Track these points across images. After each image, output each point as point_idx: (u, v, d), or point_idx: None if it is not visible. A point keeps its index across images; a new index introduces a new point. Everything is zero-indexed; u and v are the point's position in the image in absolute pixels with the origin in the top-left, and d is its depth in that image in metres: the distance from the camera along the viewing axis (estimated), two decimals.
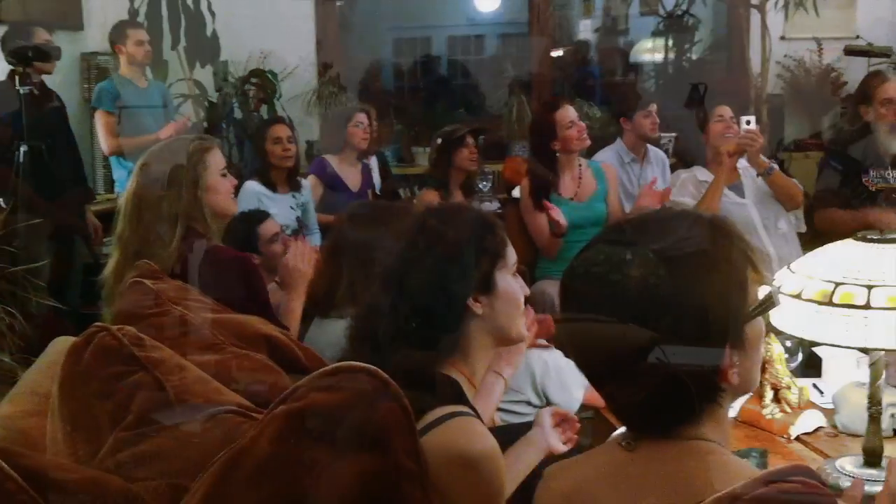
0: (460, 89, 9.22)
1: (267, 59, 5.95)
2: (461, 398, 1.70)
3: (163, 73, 5.75)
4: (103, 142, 5.14)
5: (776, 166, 4.08)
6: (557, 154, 4.04)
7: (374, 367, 1.04)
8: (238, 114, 5.91)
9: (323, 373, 1.04)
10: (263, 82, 5.91)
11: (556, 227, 3.88)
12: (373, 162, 5.46)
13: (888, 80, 4.03)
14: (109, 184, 5.50)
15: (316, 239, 4.65)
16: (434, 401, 1.60)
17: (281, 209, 4.42)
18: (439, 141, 4.55)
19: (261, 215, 3.72)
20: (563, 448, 2.05)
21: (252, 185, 4.48)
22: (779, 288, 1.92)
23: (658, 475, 1.22)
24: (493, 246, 1.78)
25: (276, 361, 2.04)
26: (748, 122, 4.07)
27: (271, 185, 4.55)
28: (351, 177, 4.95)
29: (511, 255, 1.82)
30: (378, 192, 5.29)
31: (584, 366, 1.29)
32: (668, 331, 1.18)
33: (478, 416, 1.69)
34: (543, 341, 2.47)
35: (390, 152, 6.03)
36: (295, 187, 4.64)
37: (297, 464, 0.98)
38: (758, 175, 4.09)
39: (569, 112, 4.05)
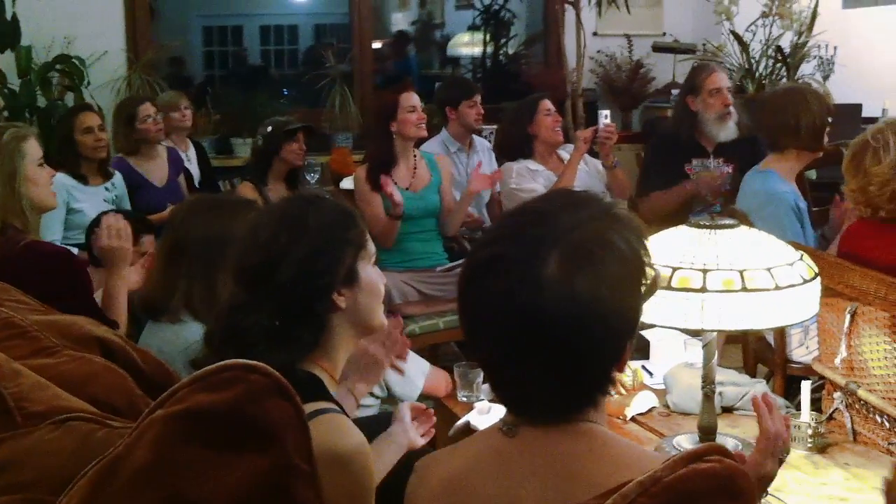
0: (279, 79, 9.05)
1: (72, 45, 5.62)
2: (324, 394, 1.65)
3: None
4: None
5: (618, 161, 4.27)
6: (394, 137, 4.02)
7: (263, 364, 0.98)
8: (41, 102, 5.56)
9: (206, 372, 0.97)
10: (69, 69, 5.58)
11: (393, 207, 3.87)
12: (191, 153, 5.28)
13: (715, 71, 4.25)
14: None
15: None
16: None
17: (93, 202, 4.20)
18: (269, 129, 4.40)
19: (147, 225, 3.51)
20: (422, 442, 2.04)
21: (61, 178, 4.21)
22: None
23: (543, 458, 1.21)
24: (355, 237, 1.74)
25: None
26: (605, 117, 4.21)
27: (81, 178, 4.30)
28: (154, 172, 4.74)
29: (371, 244, 1.79)
30: (197, 185, 5.11)
31: (483, 349, 1.26)
32: (582, 323, 1.17)
33: (344, 412, 1.65)
34: (401, 364, 2.46)
35: (209, 143, 5.82)
36: (107, 177, 4.41)
37: (182, 470, 0.92)
38: (603, 166, 4.25)
39: (413, 97, 4.07)
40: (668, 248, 2.09)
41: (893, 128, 2.57)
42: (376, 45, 7.02)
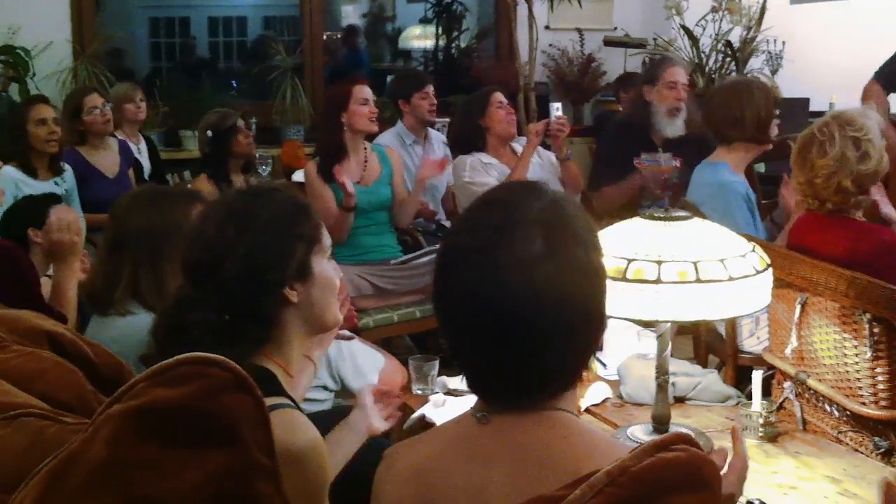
0: (228, 71, 8.95)
1: (17, 35, 5.50)
2: (278, 390, 1.63)
3: None
4: None
5: (571, 153, 4.29)
6: (344, 129, 4.00)
7: (223, 358, 0.96)
8: None
9: (164, 366, 0.95)
10: (14, 59, 5.47)
11: (345, 198, 3.85)
12: (142, 146, 5.21)
13: (675, 65, 4.29)
14: None
15: None
16: None
17: None
18: (210, 133, 4.36)
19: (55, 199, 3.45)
20: (384, 427, 2.03)
21: (8, 171, 4.13)
22: None
23: (515, 445, 1.22)
24: (308, 230, 1.71)
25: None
26: (557, 109, 4.22)
27: (31, 171, 4.21)
28: (105, 163, 4.67)
29: (327, 237, 1.76)
30: (147, 178, 5.05)
31: (456, 338, 1.26)
32: (551, 312, 1.18)
33: (297, 406, 1.63)
34: (346, 332, 2.43)
35: (157, 136, 5.74)
36: (57, 172, 4.32)
37: (140, 467, 0.90)
38: (557, 159, 4.27)
39: (365, 90, 4.05)
40: (622, 240, 2.10)
41: (839, 120, 2.60)
42: (325, 37, 6.97)
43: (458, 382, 2.73)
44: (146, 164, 5.12)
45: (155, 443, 0.91)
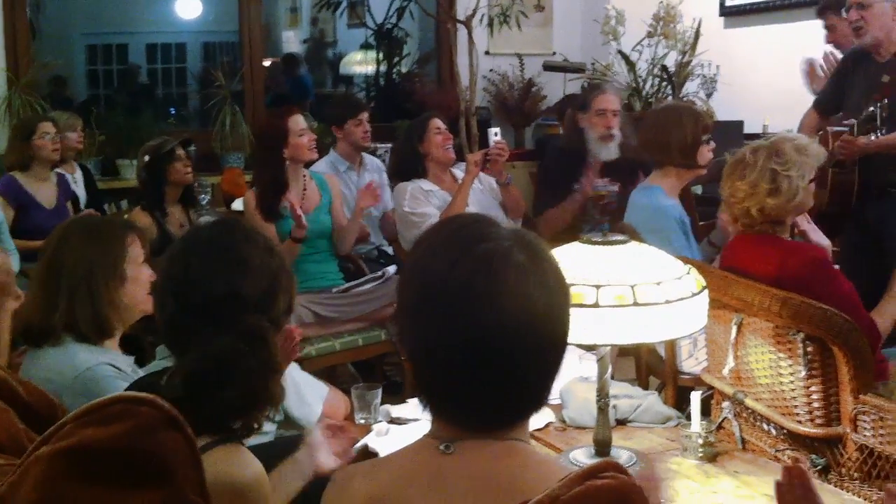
0: (167, 98, 8.87)
1: None
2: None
3: None
4: None
5: (512, 177, 4.32)
6: (286, 161, 3.98)
7: (152, 396, 0.95)
8: None
9: (94, 405, 0.94)
10: None
11: (296, 229, 3.82)
12: (78, 175, 5.14)
13: (605, 92, 4.34)
14: None
15: (13, 261, 4.28)
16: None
17: None
18: (147, 158, 4.31)
19: None
20: (332, 465, 2.00)
21: None
22: None
23: (477, 477, 1.21)
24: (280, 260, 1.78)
25: None
26: (496, 134, 4.25)
27: None
28: (42, 193, 4.62)
29: None
30: (84, 209, 4.97)
31: (435, 366, 1.25)
32: (533, 334, 1.21)
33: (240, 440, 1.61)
34: (299, 388, 2.45)
35: (93, 164, 5.66)
36: None
37: None
38: (498, 183, 4.30)
39: (301, 120, 4.03)
40: (561, 264, 2.11)
41: (772, 149, 2.63)
42: (267, 63, 6.94)
43: (402, 411, 2.72)
44: (82, 194, 5.05)
45: (85, 483, 0.89)
